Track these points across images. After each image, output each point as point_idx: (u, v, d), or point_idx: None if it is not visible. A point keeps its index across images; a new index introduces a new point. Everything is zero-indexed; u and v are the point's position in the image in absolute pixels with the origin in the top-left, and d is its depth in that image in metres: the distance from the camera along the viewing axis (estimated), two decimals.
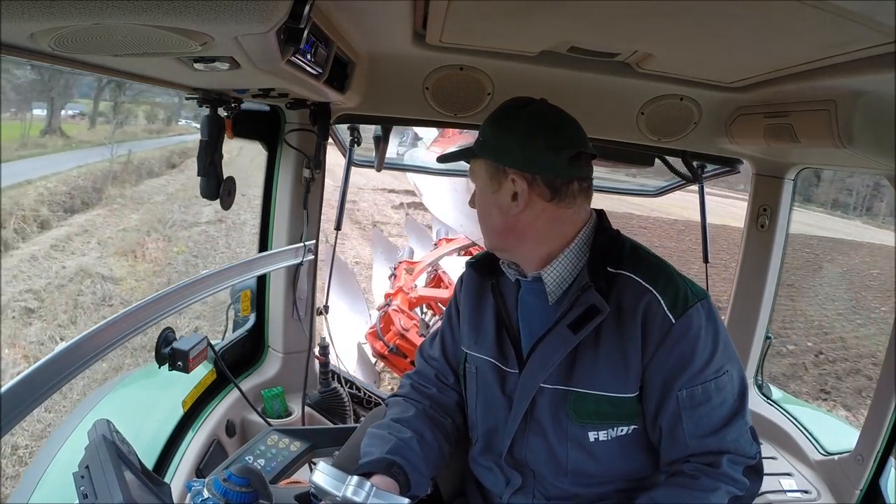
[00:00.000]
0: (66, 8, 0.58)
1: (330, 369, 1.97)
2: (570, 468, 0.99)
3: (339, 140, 1.96)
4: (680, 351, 0.92)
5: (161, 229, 9.50)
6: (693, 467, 0.93)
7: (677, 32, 1.05)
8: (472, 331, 1.08)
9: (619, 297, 0.94)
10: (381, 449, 0.99)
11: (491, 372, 1.04)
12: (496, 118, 1.00)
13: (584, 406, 0.96)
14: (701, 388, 0.93)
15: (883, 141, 1.08)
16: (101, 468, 0.75)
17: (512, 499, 1.05)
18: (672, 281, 0.95)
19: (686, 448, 0.94)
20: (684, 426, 0.93)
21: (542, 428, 0.99)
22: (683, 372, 0.92)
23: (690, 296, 0.94)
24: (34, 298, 5.98)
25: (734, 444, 0.93)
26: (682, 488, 0.91)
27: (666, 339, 0.92)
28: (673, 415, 0.94)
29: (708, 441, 0.93)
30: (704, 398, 0.93)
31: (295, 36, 0.79)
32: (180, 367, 1.35)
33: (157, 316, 1.24)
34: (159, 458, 1.38)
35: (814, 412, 2.02)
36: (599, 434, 0.97)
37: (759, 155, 1.68)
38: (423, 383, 1.16)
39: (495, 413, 1.04)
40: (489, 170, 0.98)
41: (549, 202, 0.96)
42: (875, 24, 0.77)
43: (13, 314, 5.58)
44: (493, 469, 1.07)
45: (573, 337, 0.93)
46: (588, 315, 0.93)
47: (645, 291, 0.93)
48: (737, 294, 1.90)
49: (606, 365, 0.94)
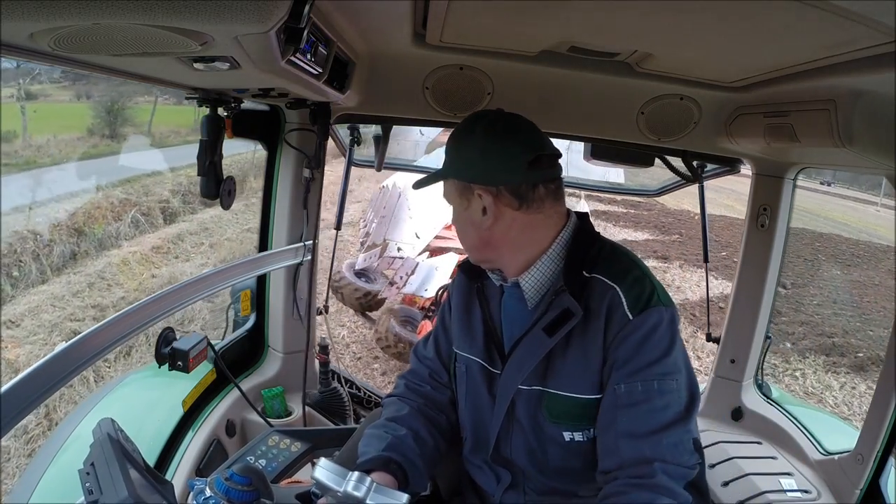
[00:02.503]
0: (65, 8, 0.58)
1: (330, 369, 1.98)
2: (552, 466, 1.00)
3: (339, 140, 1.96)
4: (627, 345, 0.90)
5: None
6: (622, 484, 0.86)
7: (677, 32, 1.05)
8: (462, 331, 1.10)
9: (589, 300, 0.93)
10: (377, 447, 1.01)
11: (479, 372, 1.06)
12: (454, 136, 1.01)
13: (557, 407, 0.97)
14: (641, 385, 0.88)
15: (883, 141, 1.08)
16: (107, 466, 0.75)
17: (504, 496, 1.06)
18: (640, 282, 0.93)
19: (616, 452, 0.88)
20: (618, 425, 0.88)
21: (522, 427, 1.01)
22: (626, 365, 0.89)
23: (655, 299, 0.92)
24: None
25: (670, 452, 0.86)
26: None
27: (619, 334, 0.90)
28: (608, 411, 0.90)
29: (641, 445, 0.86)
30: (644, 397, 0.88)
31: (295, 36, 0.80)
32: (180, 366, 1.35)
33: (157, 316, 1.24)
34: (160, 458, 1.39)
35: (814, 412, 2.02)
36: (575, 434, 0.97)
37: (759, 155, 1.68)
38: (417, 382, 1.17)
39: (482, 412, 1.06)
40: (457, 188, 1.00)
41: (518, 210, 0.96)
42: (875, 24, 0.76)
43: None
44: (484, 468, 1.09)
45: (548, 340, 0.94)
46: (563, 318, 0.93)
47: (609, 288, 0.93)
48: (737, 294, 1.89)
49: (573, 367, 0.94)
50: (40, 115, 10.91)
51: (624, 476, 0.87)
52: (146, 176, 9.93)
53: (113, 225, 7.93)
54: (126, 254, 7.34)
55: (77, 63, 0.87)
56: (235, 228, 8.58)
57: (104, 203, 8.23)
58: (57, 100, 12.53)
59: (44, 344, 4.93)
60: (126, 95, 11.28)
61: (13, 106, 10.47)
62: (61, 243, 6.99)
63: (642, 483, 0.84)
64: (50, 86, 11.87)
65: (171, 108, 2.74)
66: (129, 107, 11.97)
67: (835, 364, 6.19)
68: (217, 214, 9.02)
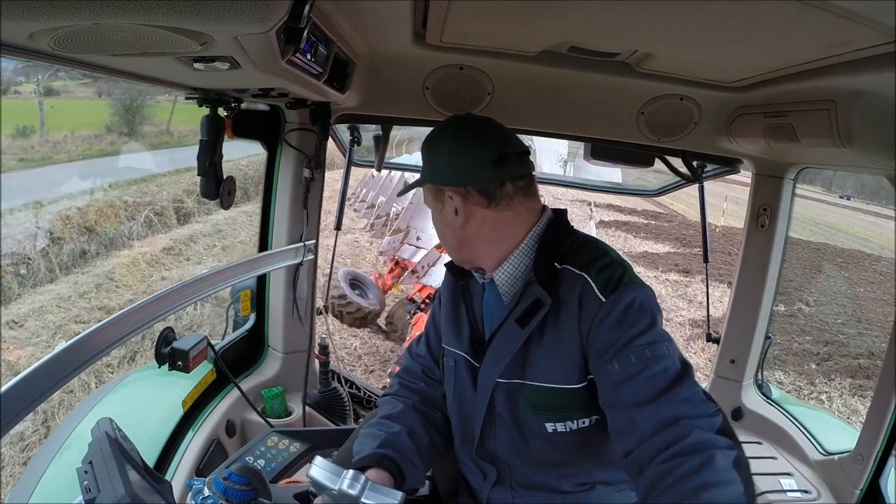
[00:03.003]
0: (65, 8, 0.59)
1: (330, 369, 1.98)
2: (537, 458, 1.01)
3: (339, 140, 1.96)
4: (607, 325, 0.88)
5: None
6: (660, 460, 0.77)
7: (677, 32, 1.05)
8: (451, 327, 1.12)
9: (558, 289, 0.94)
10: (371, 445, 1.01)
11: (464, 367, 1.07)
12: (426, 143, 1.05)
13: (537, 398, 0.97)
14: (634, 356, 0.85)
15: (883, 141, 1.08)
16: (105, 464, 0.75)
17: (492, 493, 1.06)
18: (609, 267, 0.92)
19: (633, 426, 0.82)
20: (623, 400, 0.84)
21: (504, 421, 1.02)
22: (613, 345, 0.87)
23: (627, 280, 0.91)
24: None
25: (688, 406, 0.80)
26: (669, 489, 0.74)
27: (595, 318, 0.89)
28: (609, 391, 0.87)
29: (656, 408, 0.81)
30: (641, 366, 0.84)
31: (295, 36, 0.80)
32: (180, 366, 1.35)
33: (157, 316, 1.24)
34: (159, 458, 1.39)
35: (814, 412, 2.02)
36: (557, 426, 0.98)
37: (759, 155, 1.68)
38: (411, 379, 1.19)
39: (467, 406, 1.07)
40: (432, 192, 1.03)
41: (488, 208, 0.99)
42: (875, 24, 0.76)
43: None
44: (470, 464, 1.09)
45: (521, 331, 0.95)
46: (533, 308, 0.94)
47: (578, 277, 0.93)
48: (737, 294, 1.89)
49: (550, 357, 0.95)
50: (58, 112, 10.94)
51: (654, 449, 0.78)
52: (161, 175, 9.94)
53: (125, 224, 7.93)
54: (136, 254, 7.33)
55: (77, 63, 0.87)
56: (249, 231, 8.54)
57: (117, 202, 8.23)
58: (76, 96, 12.55)
59: (46, 346, 4.93)
60: (146, 93, 11.31)
61: (31, 102, 10.49)
62: (71, 242, 7.00)
63: (681, 448, 0.76)
64: (70, 82, 11.89)
65: (192, 107, 2.75)
66: (149, 104, 11.99)
67: (861, 388, 6.01)
68: (231, 216, 9.01)
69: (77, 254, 6.97)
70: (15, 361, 4.57)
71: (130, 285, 6.55)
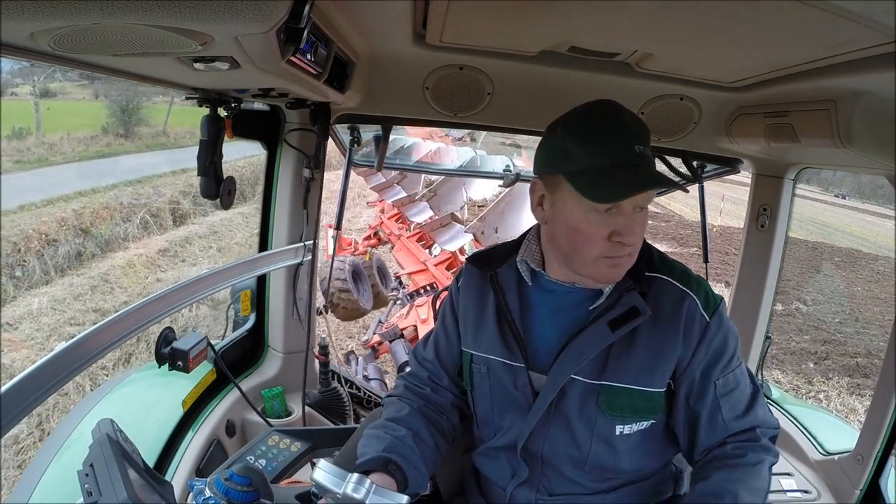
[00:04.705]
0: (65, 8, 0.59)
1: (330, 369, 1.98)
2: (589, 461, 1.02)
3: (339, 140, 1.96)
4: (716, 345, 1.00)
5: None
6: (736, 446, 1.00)
7: (677, 32, 1.05)
8: (476, 329, 1.09)
9: (658, 299, 0.99)
10: (376, 448, 1.00)
11: (502, 369, 1.05)
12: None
13: (617, 400, 0.99)
14: (732, 375, 1.02)
15: (883, 141, 1.08)
16: (106, 466, 0.75)
17: (516, 491, 1.06)
18: (699, 284, 1.03)
19: (725, 430, 1.01)
20: (723, 411, 1.01)
21: (567, 420, 1.01)
22: (718, 363, 1.00)
23: (713, 294, 1.03)
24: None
25: (763, 418, 1.03)
26: (734, 468, 0.97)
27: (704, 336, 0.99)
28: (713, 402, 1.01)
29: (746, 420, 1.02)
30: (734, 384, 1.02)
31: (295, 36, 0.80)
32: (180, 366, 1.35)
33: (157, 316, 1.24)
34: (159, 458, 1.38)
35: (814, 412, 2.02)
36: (625, 428, 1.01)
37: (759, 155, 1.68)
38: (416, 384, 1.16)
39: (511, 408, 1.05)
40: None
41: None
42: (875, 24, 0.77)
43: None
44: (501, 459, 1.08)
45: (611, 334, 0.97)
46: (629, 315, 0.98)
47: (684, 294, 1.00)
48: (737, 294, 1.90)
49: (640, 361, 0.98)
50: (54, 113, 10.92)
51: (733, 441, 1.01)
52: (157, 177, 9.92)
53: (121, 226, 7.92)
54: (132, 256, 7.31)
55: (77, 63, 0.87)
56: (245, 232, 8.53)
57: (113, 203, 8.22)
58: (72, 98, 12.53)
59: (41, 349, 4.93)
60: (142, 94, 11.30)
61: (27, 103, 10.46)
62: (66, 243, 6.99)
63: (753, 445, 1.00)
64: (67, 83, 11.87)
65: (188, 108, 2.72)
66: (145, 106, 11.98)
67: (859, 386, 6.06)
68: (227, 217, 8.98)
69: (72, 255, 6.96)
70: (9, 364, 4.57)
71: (126, 287, 6.55)
